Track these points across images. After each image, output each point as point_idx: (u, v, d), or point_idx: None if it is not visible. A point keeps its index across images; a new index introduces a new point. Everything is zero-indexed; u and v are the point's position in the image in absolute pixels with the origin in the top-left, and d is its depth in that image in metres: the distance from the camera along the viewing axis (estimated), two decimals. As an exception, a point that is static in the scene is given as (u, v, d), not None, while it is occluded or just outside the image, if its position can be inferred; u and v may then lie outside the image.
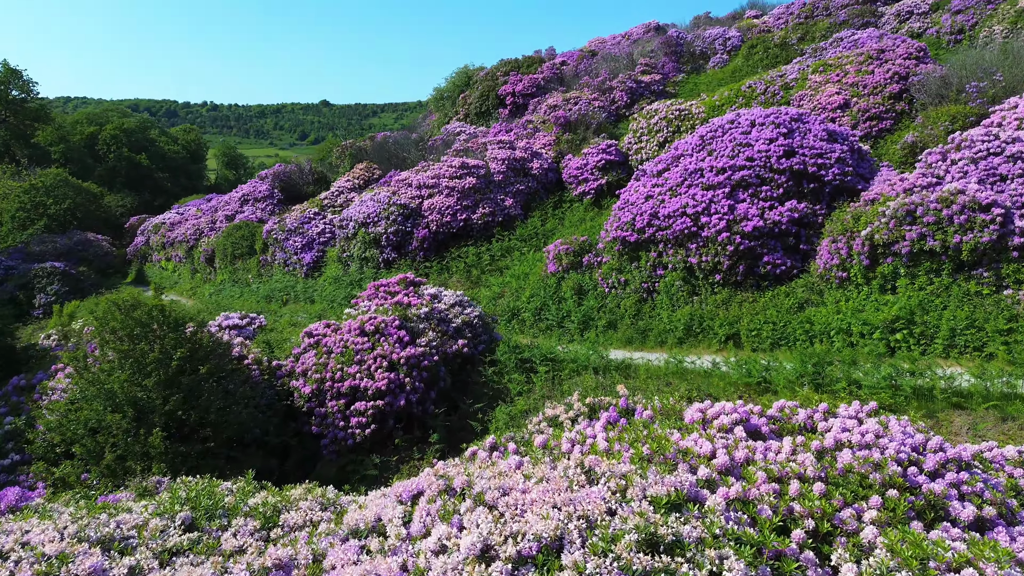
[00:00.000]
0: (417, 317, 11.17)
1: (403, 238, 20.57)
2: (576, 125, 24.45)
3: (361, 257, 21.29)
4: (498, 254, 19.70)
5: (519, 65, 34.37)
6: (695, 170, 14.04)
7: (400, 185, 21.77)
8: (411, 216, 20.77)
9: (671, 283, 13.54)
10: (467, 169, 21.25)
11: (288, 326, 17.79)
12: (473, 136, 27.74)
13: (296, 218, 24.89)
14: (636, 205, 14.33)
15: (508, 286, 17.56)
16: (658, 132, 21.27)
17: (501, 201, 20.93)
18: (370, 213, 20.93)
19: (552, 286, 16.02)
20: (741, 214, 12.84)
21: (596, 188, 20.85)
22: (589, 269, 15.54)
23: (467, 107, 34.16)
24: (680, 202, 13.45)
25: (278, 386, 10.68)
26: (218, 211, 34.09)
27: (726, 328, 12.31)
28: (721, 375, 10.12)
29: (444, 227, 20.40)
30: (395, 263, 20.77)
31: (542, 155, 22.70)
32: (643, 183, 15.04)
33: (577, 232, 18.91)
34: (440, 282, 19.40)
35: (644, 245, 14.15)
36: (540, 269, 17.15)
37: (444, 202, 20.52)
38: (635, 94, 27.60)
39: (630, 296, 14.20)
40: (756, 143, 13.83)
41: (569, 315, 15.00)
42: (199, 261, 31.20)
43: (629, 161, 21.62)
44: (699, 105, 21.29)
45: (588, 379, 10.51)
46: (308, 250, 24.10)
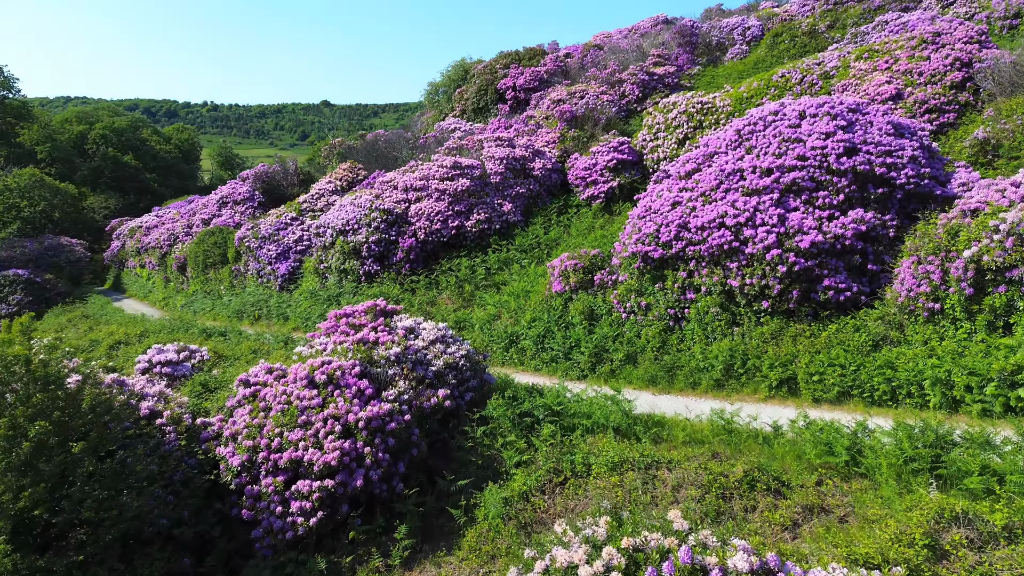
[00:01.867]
0: (386, 360, 8.64)
1: (387, 248, 18.05)
2: (583, 120, 21.94)
3: (340, 269, 18.78)
4: (494, 267, 17.18)
5: (520, 57, 31.86)
6: (733, 171, 11.50)
7: (384, 187, 19.25)
8: (396, 223, 18.25)
9: (705, 310, 11.00)
10: (460, 169, 18.73)
11: (248, 353, 15.27)
12: (469, 133, 25.22)
13: (271, 224, 22.39)
14: (660, 213, 11.79)
15: (506, 306, 15.03)
16: (677, 128, 18.74)
17: (498, 206, 18.42)
18: (349, 219, 18.42)
19: (557, 308, 13.49)
20: (794, 226, 10.29)
21: (607, 191, 18.33)
22: (602, 289, 13.01)
23: (464, 103, 31.64)
24: (717, 210, 10.91)
25: (201, 453, 8.14)
26: (195, 214, 31.63)
27: (778, 370, 9.76)
28: (789, 445, 7.57)
29: (433, 235, 17.89)
30: (377, 276, 18.25)
31: (545, 154, 20.18)
32: (668, 187, 12.51)
33: (585, 242, 16.38)
34: (428, 299, 16.89)
35: (671, 262, 11.61)
36: (543, 287, 14.62)
37: (433, 207, 18.01)
38: (647, 87, 25.06)
39: (653, 324, 11.66)
40: (808, 138, 11.29)
41: (578, 345, 12.47)
42: (171, 269, 28.73)
43: (644, 161, 19.09)
44: (723, 97, 18.76)
45: (608, 445, 7.97)
46: (283, 260, 21.60)
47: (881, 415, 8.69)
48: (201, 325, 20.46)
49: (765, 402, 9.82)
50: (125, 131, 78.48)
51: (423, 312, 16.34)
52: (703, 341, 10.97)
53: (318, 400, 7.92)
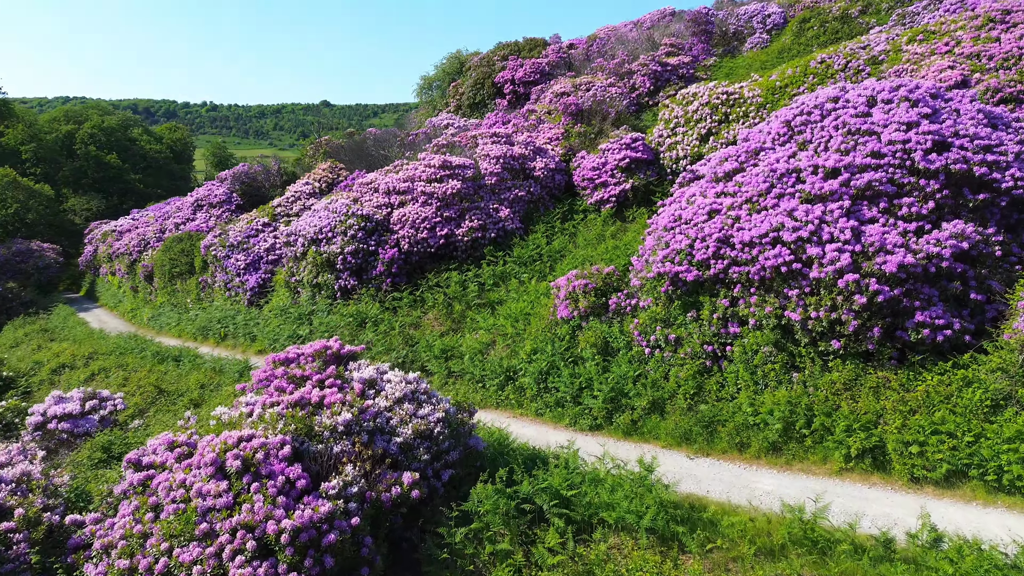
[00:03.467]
0: (331, 431, 6.25)
1: (365, 259, 15.65)
2: (590, 115, 19.55)
3: (312, 283, 16.38)
4: (489, 282, 14.79)
5: (520, 49, 29.48)
6: (787, 172, 9.11)
7: (364, 190, 16.86)
8: (376, 230, 15.85)
9: (754, 348, 8.60)
10: (450, 169, 16.34)
11: (195, 388, 12.90)
12: (463, 130, 22.83)
13: (241, 231, 20.00)
14: (694, 225, 9.39)
15: (501, 331, 12.64)
16: (699, 122, 16.34)
17: (494, 211, 16.02)
18: (323, 227, 16.02)
19: (564, 338, 11.09)
20: (874, 242, 7.89)
21: (618, 195, 15.93)
22: (619, 316, 10.61)
23: (458, 98, 29.26)
24: (769, 222, 8.51)
25: (63, 572, 5.74)
26: (169, 218, 29.26)
27: (859, 435, 7.37)
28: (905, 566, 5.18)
29: (419, 245, 15.49)
30: (355, 292, 15.85)
31: (547, 152, 17.79)
32: (701, 190, 10.11)
33: (595, 254, 13.99)
34: (412, 320, 14.49)
35: (708, 286, 9.21)
36: (546, 309, 12.24)
37: (419, 212, 15.61)
38: (660, 79, 22.67)
39: (685, 363, 9.26)
40: (884, 130, 8.89)
41: (590, 386, 10.08)
42: (139, 278, 26.34)
43: (660, 159, 16.70)
44: (752, 87, 16.38)
45: (640, 560, 5.59)
46: (253, 271, 19.21)
47: (1014, 507, 6.31)
48: (157, 346, 18.09)
49: (840, 476, 7.43)
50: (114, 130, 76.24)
51: (404, 338, 13.94)
52: (751, 388, 8.58)
53: (227, 498, 5.52)
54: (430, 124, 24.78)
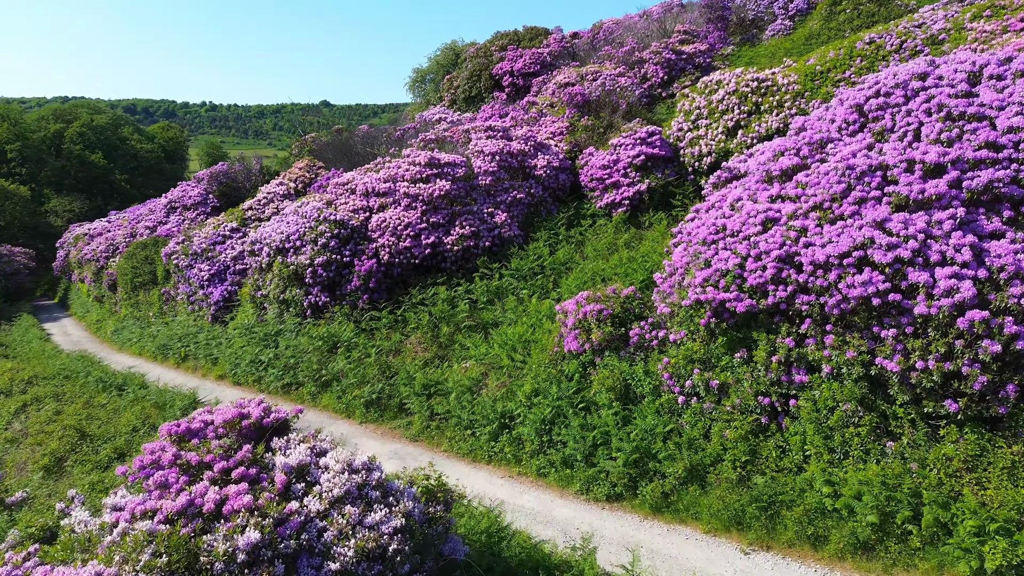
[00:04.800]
0: (228, 560, 4.07)
1: (338, 272, 13.46)
2: (598, 106, 17.36)
3: (280, 299, 14.20)
4: (482, 299, 12.62)
5: (519, 38, 27.30)
6: (869, 169, 6.92)
7: (339, 191, 14.67)
8: (352, 238, 13.67)
9: (829, 404, 6.42)
10: (438, 168, 14.16)
11: (126, 433, 10.71)
12: (456, 124, 20.66)
13: (207, 237, 17.81)
14: (744, 238, 7.21)
15: (496, 362, 10.47)
16: (725, 113, 14.15)
17: (489, 216, 13.85)
18: (290, 234, 13.84)
19: (572, 376, 8.92)
20: (1006, 266, 5.71)
21: (633, 197, 13.76)
22: (642, 351, 8.42)
23: (453, 91, 27.08)
24: (851, 236, 6.33)
25: None
26: (141, 221, 27.10)
27: (999, 543, 5.19)
28: None
29: (401, 256, 13.31)
30: (327, 309, 13.67)
31: (550, 148, 15.61)
32: (747, 192, 7.92)
33: (606, 267, 11.81)
34: (391, 345, 12.30)
35: (764, 319, 7.04)
36: (550, 337, 10.06)
37: (401, 217, 13.43)
38: (674, 68, 20.49)
39: (734, 419, 7.08)
40: (1001, 113, 6.71)
41: (607, 442, 7.91)
42: (103, 287, 24.18)
43: (680, 156, 14.51)
44: (787, 73, 14.20)
45: None
46: (218, 282, 17.03)
47: None
48: (103, 370, 15.90)
49: (968, 598, 5.25)
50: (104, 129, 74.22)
51: (382, 367, 11.75)
52: (825, 457, 6.39)
53: None
54: (420, 119, 22.62)
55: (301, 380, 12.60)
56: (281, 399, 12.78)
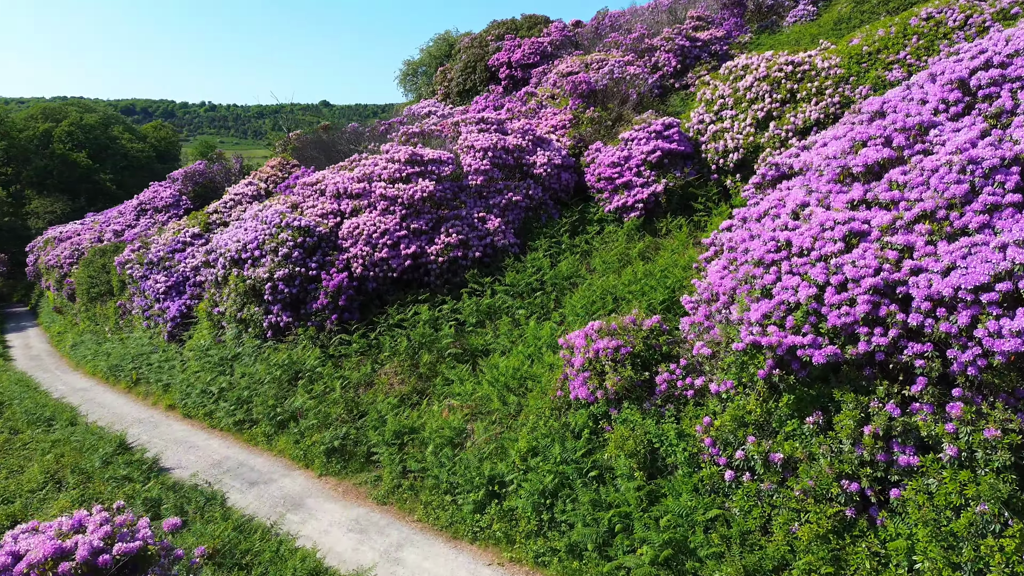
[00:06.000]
0: None
1: (303, 288, 11.48)
2: (605, 96, 15.38)
3: (237, 317, 12.23)
4: (471, 320, 10.65)
5: (517, 27, 25.33)
6: (1003, 162, 4.94)
7: (307, 193, 12.69)
8: (319, 248, 11.69)
9: (953, 500, 4.45)
10: (420, 165, 12.19)
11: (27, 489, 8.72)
12: (447, 118, 18.69)
13: (165, 244, 15.83)
14: (817, 259, 5.23)
15: (483, 405, 8.50)
16: (755, 102, 12.17)
17: (479, 221, 11.88)
18: (248, 242, 11.85)
19: (581, 432, 6.94)
20: None
21: (647, 199, 11.80)
22: (672, 403, 6.44)
23: (446, 84, 25.11)
24: (987, 262, 4.36)
25: None
26: (110, 224, 25.14)
27: None
28: None
29: (376, 268, 11.33)
30: (290, 330, 11.69)
31: (551, 143, 13.63)
32: (817, 196, 5.92)
33: (619, 284, 9.83)
34: (362, 376, 10.31)
35: (851, 373, 5.06)
36: (551, 373, 8.09)
37: (377, 223, 11.45)
38: (688, 56, 18.52)
39: (808, 511, 5.09)
40: None
41: (628, 527, 5.92)
42: (63, 296, 22.22)
43: (702, 152, 12.53)
44: (826, 55, 12.22)
45: None
46: (175, 296, 15.05)
47: None
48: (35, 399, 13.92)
49: None
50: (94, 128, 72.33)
51: (349, 405, 9.77)
52: (944, 569, 4.42)
53: None
54: (408, 112, 20.65)
55: (256, 417, 10.62)
56: (233, 438, 10.81)
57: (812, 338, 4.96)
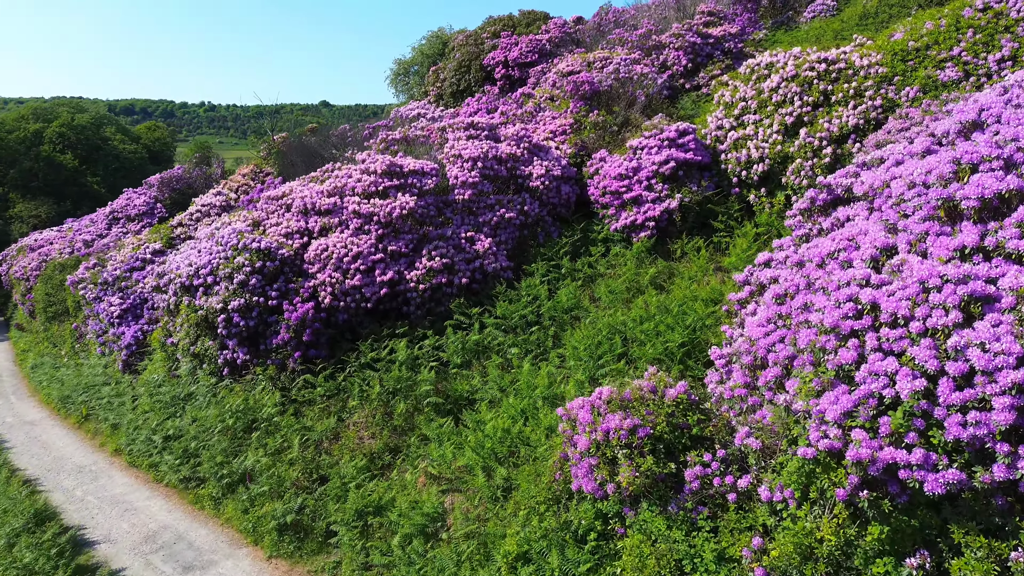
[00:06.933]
0: None
1: (262, 320, 9.94)
2: (609, 99, 13.84)
3: (191, 351, 10.69)
4: (455, 360, 9.10)
5: (514, 24, 23.78)
6: None
7: (271, 208, 11.15)
8: (281, 273, 10.15)
9: None
10: (400, 178, 10.64)
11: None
12: (436, 121, 17.15)
13: (123, 261, 14.30)
14: (922, 333, 3.68)
15: (465, 479, 6.96)
16: (783, 105, 10.61)
17: (467, 242, 10.34)
18: (201, 267, 10.31)
19: (585, 535, 5.38)
20: None
21: (660, 217, 10.26)
22: (706, 504, 4.91)
23: (439, 84, 23.55)
24: None
25: None
26: (80, 233, 23.61)
27: None
28: None
29: (348, 297, 9.80)
30: (248, 368, 10.15)
31: (549, 151, 12.08)
32: (906, 236, 4.38)
33: (629, 319, 8.29)
34: (327, 428, 8.77)
35: (976, 505, 3.52)
36: (548, 439, 6.55)
37: (349, 245, 9.91)
38: (700, 54, 16.96)
39: None
40: None
41: None
42: (24, 313, 20.71)
43: (721, 163, 10.98)
44: (864, 52, 10.68)
45: None
46: (131, 320, 13.52)
47: None
48: None
49: None
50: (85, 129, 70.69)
51: (308, 467, 8.23)
52: None
53: None
54: (396, 114, 19.12)
55: (203, 474, 9.09)
56: (178, 497, 9.28)
57: (922, 454, 3.43)
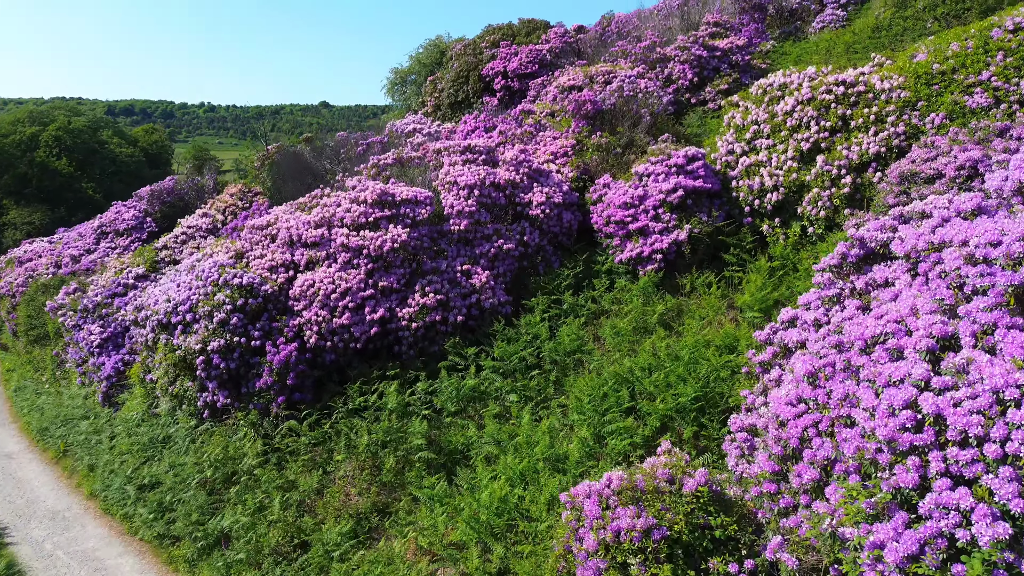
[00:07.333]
0: None
1: (244, 361, 9.31)
2: (613, 118, 13.22)
3: (168, 391, 10.07)
4: (450, 407, 8.49)
5: (514, 33, 23.18)
6: None
7: (255, 238, 10.52)
8: (264, 311, 9.53)
9: None
10: (392, 207, 10.03)
11: None
12: (434, 137, 16.53)
13: (104, 287, 13.68)
14: (1000, 459, 3.06)
15: (457, 557, 6.33)
16: (798, 130, 9.99)
17: (463, 276, 9.73)
18: (179, 303, 9.69)
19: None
20: None
21: (668, 249, 9.64)
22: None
23: (437, 95, 22.96)
24: None
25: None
26: (68, 247, 23.00)
27: None
28: None
29: (335, 337, 9.18)
30: (229, 412, 9.53)
31: (550, 176, 11.46)
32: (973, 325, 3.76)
33: (636, 367, 7.67)
34: (312, 484, 8.15)
35: None
36: (550, 512, 5.94)
37: (337, 280, 9.30)
38: (706, 68, 16.35)
39: None
40: None
41: None
42: (7, 332, 20.10)
43: (732, 190, 10.36)
44: (885, 74, 10.06)
45: None
46: (112, 350, 12.90)
47: None
48: None
49: None
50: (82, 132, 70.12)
51: (289, 530, 7.59)
52: None
53: None
54: (391, 128, 18.49)
55: (178, 532, 8.46)
56: (151, 555, 8.66)
57: (1008, 618, 2.80)
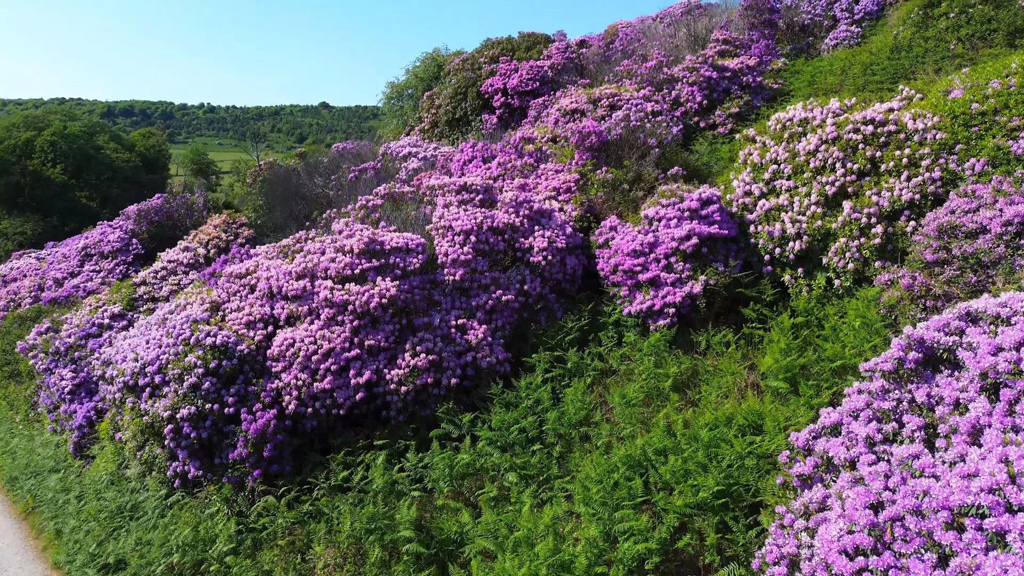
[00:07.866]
0: None
1: (217, 429, 8.49)
2: (619, 148, 12.39)
3: (138, 456, 9.25)
4: (443, 487, 7.67)
5: (514, 47, 22.38)
6: None
7: (233, 288, 9.70)
8: (240, 373, 8.71)
9: None
10: (379, 257, 9.21)
11: None
12: (430, 163, 15.71)
13: (79, 326, 12.85)
14: None
15: None
16: (823, 172, 9.17)
17: (458, 331, 8.91)
18: (148, 363, 8.87)
19: None
20: None
21: (683, 303, 8.83)
22: None
23: (434, 111, 22.15)
24: None
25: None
26: (53, 268, 22.17)
27: None
28: None
29: (317, 402, 8.36)
30: (202, 484, 8.71)
31: (552, 217, 10.64)
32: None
33: (649, 447, 6.82)
34: (290, 568, 7.34)
35: None
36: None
37: (319, 340, 8.48)
38: (716, 90, 15.54)
39: None
40: None
41: None
42: (-14, 363, 19.25)
43: (751, 235, 9.53)
44: (919, 111, 9.25)
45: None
46: (84, 397, 12.09)
47: None
48: None
49: None
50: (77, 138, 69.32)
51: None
52: None
53: None
54: (386, 150, 17.65)
55: (141, 628, 7.66)
56: (113, 649, 7.84)
57: None
